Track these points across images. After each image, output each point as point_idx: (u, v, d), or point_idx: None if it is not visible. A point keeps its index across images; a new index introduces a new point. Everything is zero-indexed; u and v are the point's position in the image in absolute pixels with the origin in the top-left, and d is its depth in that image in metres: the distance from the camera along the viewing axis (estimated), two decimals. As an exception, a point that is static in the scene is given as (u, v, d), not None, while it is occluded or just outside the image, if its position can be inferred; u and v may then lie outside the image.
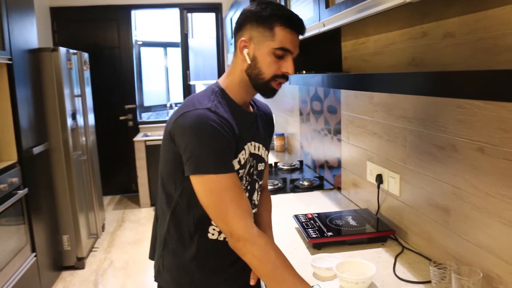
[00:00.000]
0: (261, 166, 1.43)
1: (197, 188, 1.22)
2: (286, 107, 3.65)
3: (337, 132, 2.39)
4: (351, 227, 1.77)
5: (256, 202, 1.46)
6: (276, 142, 3.74)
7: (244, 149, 1.31)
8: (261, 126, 1.45)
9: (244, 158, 1.31)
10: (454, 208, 1.38)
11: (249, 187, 1.39)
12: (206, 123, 1.18)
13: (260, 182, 1.46)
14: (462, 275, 1.20)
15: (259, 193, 1.48)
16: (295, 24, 1.24)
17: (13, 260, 2.70)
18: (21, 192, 2.84)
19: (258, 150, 1.40)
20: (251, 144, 1.36)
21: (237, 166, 1.28)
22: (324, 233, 1.70)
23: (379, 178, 1.87)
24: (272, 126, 1.56)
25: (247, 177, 1.37)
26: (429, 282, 1.35)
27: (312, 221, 1.83)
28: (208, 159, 1.19)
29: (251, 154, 1.36)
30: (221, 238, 1.35)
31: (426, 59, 1.42)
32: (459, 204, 1.35)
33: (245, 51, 1.26)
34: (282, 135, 3.74)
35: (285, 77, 1.28)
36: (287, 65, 1.25)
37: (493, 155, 1.19)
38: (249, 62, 1.27)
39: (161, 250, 1.38)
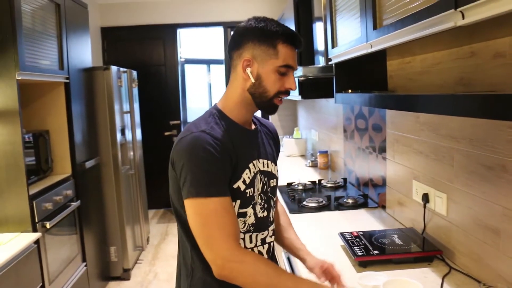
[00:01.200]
0: (273, 183, 1.43)
1: (187, 212, 1.21)
2: (329, 125, 3.67)
3: (382, 150, 2.39)
4: (397, 246, 1.76)
5: (272, 219, 1.44)
6: (320, 159, 3.75)
7: (249, 168, 1.30)
8: (267, 143, 1.45)
9: (249, 177, 1.30)
10: (505, 229, 1.36)
11: (266, 205, 1.38)
12: (200, 145, 1.19)
13: (275, 199, 1.46)
14: (513, 297, 1.18)
15: (274, 210, 1.47)
16: (296, 40, 1.27)
17: (66, 268, 2.82)
18: (75, 204, 2.98)
19: (268, 167, 1.40)
20: (259, 162, 1.36)
21: (242, 187, 1.28)
22: (370, 251, 1.70)
23: (426, 197, 1.85)
24: (278, 141, 1.56)
25: (262, 196, 1.37)
26: (478, 303, 1.34)
27: (357, 239, 1.84)
28: (199, 183, 1.18)
29: (261, 172, 1.36)
30: None
31: (475, 79, 1.41)
32: (510, 225, 1.33)
33: (248, 70, 1.27)
34: (325, 152, 3.75)
35: (287, 92, 1.30)
36: (290, 81, 1.28)
37: (545, 176, 1.18)
38: (253, 81, 1.27)
39: (189, 281, 1.34)
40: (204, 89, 7.28)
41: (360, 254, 1.69)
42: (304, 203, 2.55)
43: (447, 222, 1.71)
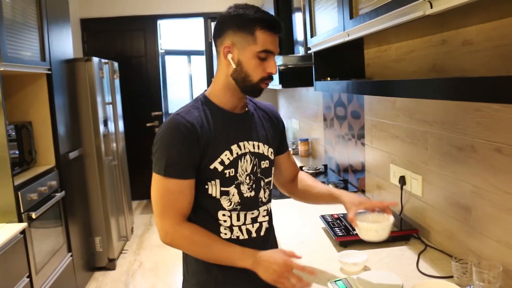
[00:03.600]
0: (264, 164, 1.46)
1: (151, 183, 1.35)
2: (310, 113, 3.74)
3: (361, 136, 2.47)
4: (376, 226, 1.84)
5: (264, 200, 1.48)
6: (301, 147, 3.83)
7: (230, 150, 1.37)
8: (261, 126, 1.49)
9: (229, 159, 1.36)
10: (475, 206, 1.45)
11: (254, 186, 1.43)
12: (169, 128, 1.32)
13: (267, 180, 1.48)
14: (482, 269, 1.26)
15: (267, 191, 1.49)
16: (274, 25, 1.32)
17: (52, 258, 2.85)
18: (59, 195, 3.00)
19: (259, 149, 1.45)
20: (248, 143, 1.42)
21: (220, 167, 1.35)
22: (349, 232, 1.78)
23: (402, 180, 1.94)
24: (277, 124, 1.58)
25: (251, 176, 1.42)
26: (451, 277, 1.42)
27: (338, 221, 1.92)
28: (161, 161, 1.31)
29: (252, 153, 1.42)
30: (234, 237, 1.41)
31: (446, 65, 1.49)
32: (479, 202, 1.42)
33: (229, 56, 1.33)
34: (306, 140, 3.83)
35: (271, 77, 1.36)
36: (271, 66, 1.33)
37: (510, 154, 1.26)
38: (234, 67, 1.33)
39: (184, 255, 1.46)
40: (185, 80, 7.28)
41: (341, 234, 1.77)
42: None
43: (423, 202, 1.80)
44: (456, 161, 1.53)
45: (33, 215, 2.55)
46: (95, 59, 3.73)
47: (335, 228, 1.82)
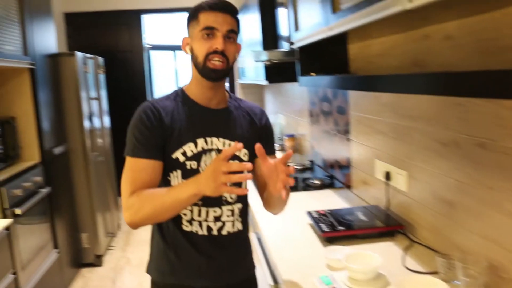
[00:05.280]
0: None
1: None
2: (295, 109, 3.73)
3: (346, 132, 2.47)
4: (362, 222, 1.85)
5: (230, 200, 1.45)
6: (287, 143, 3.82)
7: (195, 143, 1.38)
8: (239, 125, 1.47)
9: (192, 151, 1.37)
10: (459, 201, 1.45)
11: None
12: (138, 113, 1.38)
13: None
14: (467, 264, 1.26)
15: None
16: (215, 4, 1.34)
17: (38, 255, 2.82)
18: (45, 191, 2.97)
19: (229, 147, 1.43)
20: (218, 140, 1.41)
21: (182, 158, 1.37)
22: (335, 228, 1.78)
23: (387, 175, 1.94)
24: (258, 126, 1.52)
25: None
26: (437, 273, 1.41)
27: (324, 217, 1.91)
28: (128, 143, 1.36)
29: (219, 151, 1.40)
30: (194, 230, 1.41)
31: (428, 60, 1.49)
32: (463, 197, 1.43)
33: (187, 47, 1.41)
34: (292, 136, 3.82)
35: (217, 53, 1.32)
36: (217, 42, 1.33)
37: (493, 149, 1.26)
38: (189, 53, 1.40)
39: (150, 242, 1.51)
40: (171, 74, 7.25)
41: (327, 230, 1.76)
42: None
43: (408, 198, 1.80)
44: (441, 156, 1.54)
45: (18, 211, 2.52)
46: (79, 54, 3.68)
47: (321, 224, 1.82)
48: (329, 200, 2.34)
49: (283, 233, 1.91)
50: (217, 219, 1.43)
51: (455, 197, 1.47)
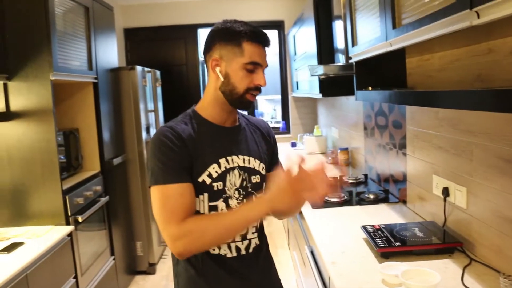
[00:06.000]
0: (255, 179, 1.44)
1: (152, 199, 1.31)
2: (350, 122, 3.71)
3: (402, 146, 2.43)
4: (418, 238, 1.81)
5: None
6: (340, 156, 3.80)
7: (218, 163, 1.36)
8: (252, 140, 1.48)
9: (217, 172, 1.35)
10: (522, 220, 1.41)
11: (244, 201, 1.40)
12: (158, 138, 1.30)
13: (259, 195, 1.44)
14: (531, 286, 1.23)
15: None
16: (261, 38, 1.33)
17: (96, 261, 2.94)
18: (103, 200, 3.10)
19: (249, 163, 1.43)
20: (238, 158, 1.40)
21: (208, 180, 1.34)
22: (391, 243, 1.76)
23: (446, 191, 1.90)
24: (269, 139, 1.56)
25: (241, 191, 1.40)
26: (498, 293, 1.38)
27: (379, 232, 1.89)
28: (155, 171, 1.28)
29: (240, 168, 1.40)
30: (223, 253, 1.39)
31: (492, 75, 1.46)
32: (527, 216, 1.38)
33: (217, 69, 1.34)
34: (346, 149, 3.80)
35: (258, 89, 1.35)
36: (259, 78, 1.33)
37: (561, 168, 1.22)
38: (222, 79, 1.34)
39: (176, 269, 1.46)
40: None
41: (382, 245, 1.75)
42: (327, 198, 2.61)
43: (467, 215, 1.76)
44: (503, 173, 1.49)
45: (79, 219, 2.65)
46: (139, 68, 3.84)
47: (377, 239, 1.80)
48: (384, 215, 2.31)
49: (337, 247, 1.90)
50: (243, 237, 1.42)
51: (519, 215, 1.43)
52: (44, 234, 2.35)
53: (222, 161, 1.37)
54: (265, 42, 1.34)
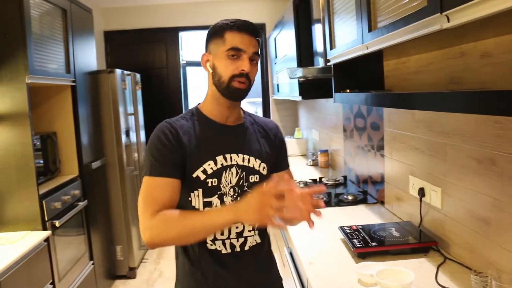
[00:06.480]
0: (253, 178, 1.45)
1: None
2: (329, 124, 3.74)
3: (380, 148, 2.46)
4: (394, 238, 1.84)
5: None
6: (320, 158, 3.83)
7: (215, 160, 1.38)
8: (255, 140, 1.49)
9: (212, 169, 1.38)
10: (495, 219, 1.44)
11: (239, 199, 1.41)
12: (156, 133, 1.37)
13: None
14: (503, 283, 1.24)
15: None
16: (242, 26, 1.36)
17: (74, 266, 2.90)
18: (82, 204, 3.06)
19: (249, 162, 1.44)
20: (237, 156, 1.42)
21: (202, 176, 1.37)
22: (368, 243, 1.78)
23: (421, 192, 1.93)
24: (273, 140, 1.55)
25: (236, 189, 1.41)
26: (471, 290, 1.41)
27: (356, 232, 1.92)
28: (147, 164, 1.34)
29: (239, 166, 1.42)
30: (218, 249, 1.42)
31: (465, 77, 1.49)
32: (499, 215, 1.41)
33: (208, 64, 1.42)
34: (326, 151, 3.83)
35: (243, 75, 1.35)
36: (243, 64, 1.35)
37: (530, 167, 1.25)
38: (210, 71, 1.40)
39: (176, 262, 1.50)
40: (206, 91, 7.35)
41: (359, 246, 1.77)
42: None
43: (442, 214, 1.79)
44: (476, 173, 1.53)
45: (57, 223, 2.61)
46: (118, 71, 3.82)
47: (354, 240, 1.83)
48: (362, 216, 2.33)
49: (315, 248, 1.92)
50: (239, 235, 1.44)
51: (490, 214, 1.46)
52: (19, 240, 2.31)
53: (219, 158, 1.40)
54: (246, 29, 1.36)
